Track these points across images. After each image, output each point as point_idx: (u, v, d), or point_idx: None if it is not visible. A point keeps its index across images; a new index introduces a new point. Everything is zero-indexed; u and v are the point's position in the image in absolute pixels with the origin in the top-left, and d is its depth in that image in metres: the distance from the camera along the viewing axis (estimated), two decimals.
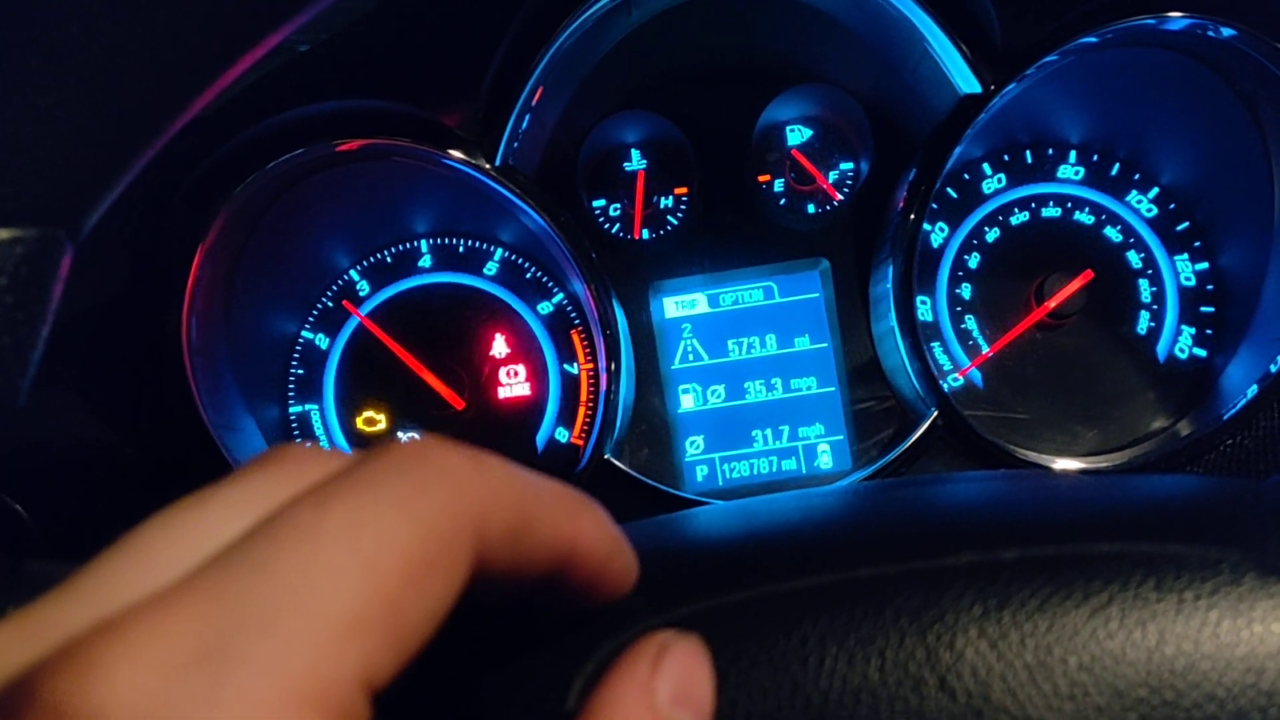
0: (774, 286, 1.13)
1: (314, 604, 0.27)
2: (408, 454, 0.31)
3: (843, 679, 0.36)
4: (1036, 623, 0.37)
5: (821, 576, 0.39)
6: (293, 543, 0.28)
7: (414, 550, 0.29)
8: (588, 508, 0.37)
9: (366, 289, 1.14)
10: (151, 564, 0.30)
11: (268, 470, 0.33)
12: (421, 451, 0.32)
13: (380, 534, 0.29)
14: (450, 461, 0.32)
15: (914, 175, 1.01)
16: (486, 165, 0.95)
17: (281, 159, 0.91)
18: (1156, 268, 1.11)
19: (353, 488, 0.30)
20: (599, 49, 1.03)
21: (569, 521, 0.36)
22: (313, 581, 0.27)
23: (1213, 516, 0.41)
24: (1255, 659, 0.36)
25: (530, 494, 0.34)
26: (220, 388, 0.99)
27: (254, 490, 0.32)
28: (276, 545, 0.28)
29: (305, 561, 0.27)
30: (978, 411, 1.07)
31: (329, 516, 0.29)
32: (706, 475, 1.11)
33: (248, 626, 0.26)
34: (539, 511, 0.34)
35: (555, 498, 0.36)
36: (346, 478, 0.30)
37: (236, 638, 0.26)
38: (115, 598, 0.28)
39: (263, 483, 0.32)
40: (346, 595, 0.27)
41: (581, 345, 1.13)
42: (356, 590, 0.28)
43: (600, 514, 0.38)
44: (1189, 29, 0.91)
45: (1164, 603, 0.37)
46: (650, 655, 0.35)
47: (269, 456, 0.34)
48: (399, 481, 0.30)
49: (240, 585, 0.27)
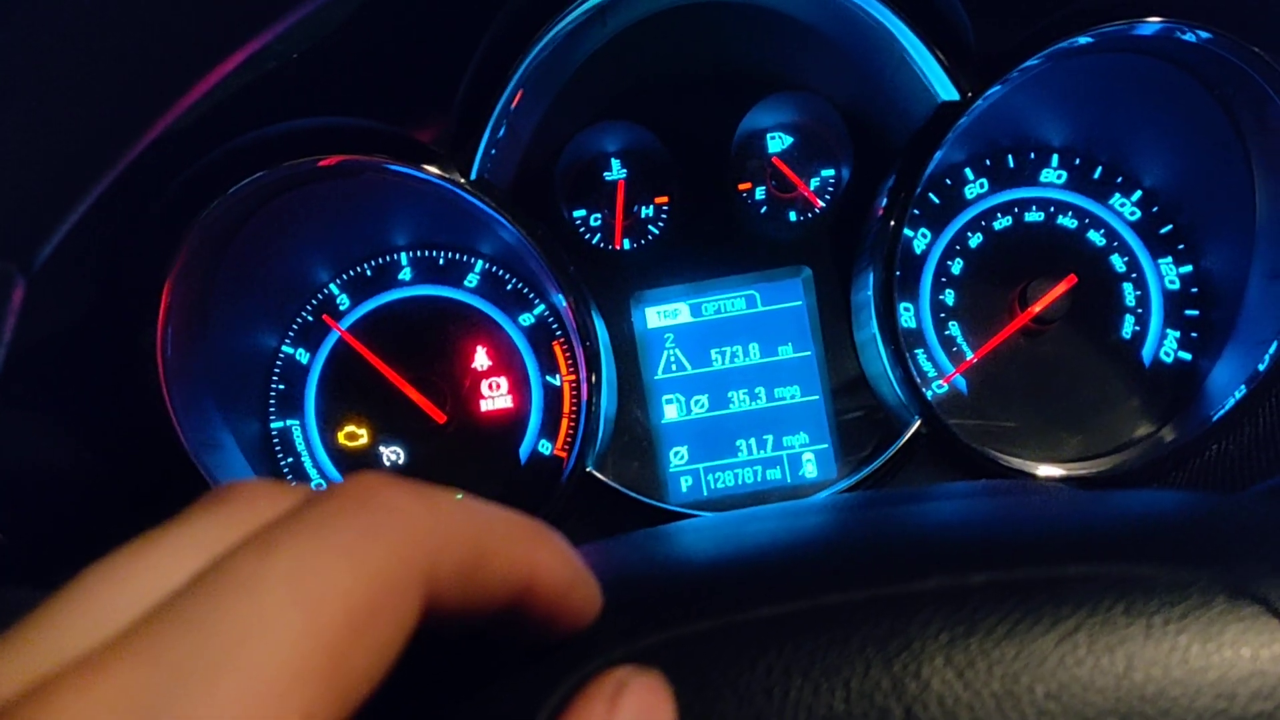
0: (756, 295, 1.12)
1: (252, 658, 0.26)
2: (355, 494, 0.31)
3: (808, 710, 0.36)
4: (1004, 650, 0.36)
5: (786, 605, 0.39)
6: (232, 594, 0.27)
7: (357, 597, 0.28)
8: (545, 538, 0.37)
9: (346, 303, 1.13)
10: (94, 615, 0.29)
11: (215, 511, 0.32)
12: (369, 492, 0.31)
13: (322, 581, 0.28)
14: (398, 501, 0.31)
15: (894, 182, 1.00)
16: (462, 179, 0.94)
17: (246, 180, 0.90)
18: (1140, 271, 1.10)
19: (296, 533, 0.29)
20: (574, 59, 1.02)
21: (525, 554, 0.35)
22: (252, 634, 0.26)
23: (1184, 535, 0.41)
24: (1226, 684, 0.35)
25: (483, 528, 0.34)
26: (198, 406, 0.98)
27: (201, 533, 0.31)
28: (215, 597, 0.27)
29: (245, 614, 0.27)
30: (962, 420, 1.07)
31: (270, 565, 0.28)
32: (691, 486, 1.11)
33: (184, 685, 0.25)
34: (493, 546, 0.34)
35: (510, 530, 0.35)
36: (292, 522, 0.29)
37: (172, 698, 0.25)
38: (54, 654, 0.28)
39: (211, 524, 0.32)
40: (286, 647, 0.27)
41: (564, 357, 1.12)
42: (296, 641, 0.27)
43: (558, 543, 0.37)
44: (1163, 32, 0.91)
45: (1133, 627, 0.36)
46: (607, 694, 0.35)
47: (217, 496, 0.33)
48: (344, 525, 0.30)
49: (177, 641, 0.26)
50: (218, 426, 1.02)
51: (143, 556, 0.31)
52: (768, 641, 0.38)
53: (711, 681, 0.37)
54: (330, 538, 0.29)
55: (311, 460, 1.12)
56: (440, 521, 0.32)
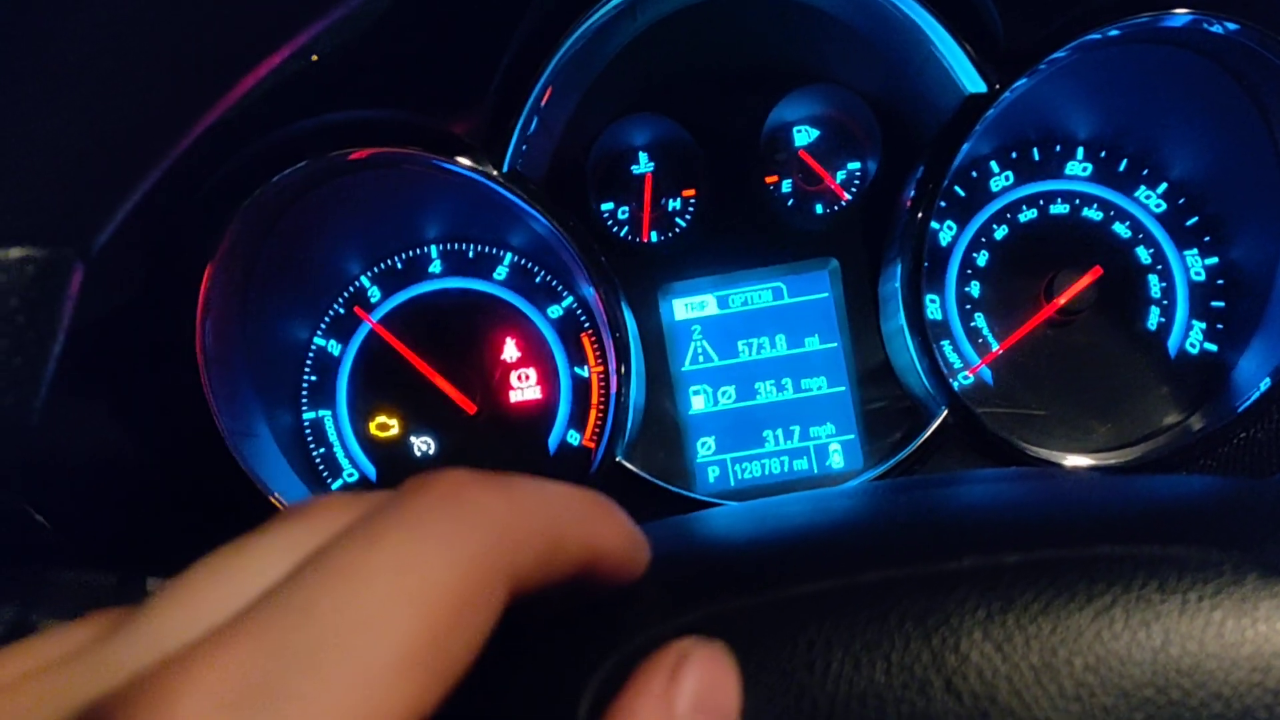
0: (783, 287, 1.13)
1: (365, 643, 0.28)
2: (442, 492, 0.33)
3: (849, 683, 0.37)
4: (1041, 625, 0.37)
5: (827, 581, 0.40)
6: (343, 584, 0.29)
7: (455, 588, 0.30)
8: (608, 511, 0.39)
9: (378, 295, 1.15)
10: (200, 607, 0.31)
11: (305, 517, 0.34)
12: (454, 489, 0.33)
13: (425, 573, 0.30)
14: (482, 498, 0.33)
15: (921, 174, 1.01)
16: (494, 172, 0.95)
17: (289, 170, 0.91)
18: (1166, 263, 1.10)
19: (395, 528, 0.31)
20: (605, 53, 1.03)
21: (594, 532, 0.37)
22: (364, 622, 0.28)
23: (1215, 517, 0.42)
24: (1261, 658, 0.36)
25: (557, 515, 0.36)
26: (236, 395, 1.00)
27: (293, 536, 0.33)
28: (326, 586, 0.29)
29: (356, 602, 0.28)
30: (989, 409, 1.07)
31: (375, 557, 0.30)
32: (718, 476, 1.12)
33: (302, 667, 0.27)
34: (566, 530, 0.36)
35: (579, 510, 0.37)
36: (386, 516, 0.31)
37: (291, 679, 0.27)
38: (172, 638, 0.30)
39: (301, 529, 0.33)
40: (396, 634, 0.28)
41: (592, 348, 1.14)
42: (405, 629, 0.28)
43: (619, 515, 0.39)
44: (1191, 24, 0.91)
45: (1168, 604, 0.37)
46: (668, 665, 0.35)
47: (305, 506, 0.35)
48: (437, 521, 0.31)
49: (293, 626, 0.28)
50: (254, 416, 1.03)
51: (241, 555, 0.33)
52: (808, 617, 0.38)
53: (754, 656, 0.38)
54: (426, 533, 0.31)
55: (343, 450, 1.14)
56: (521, 515, 0.34)
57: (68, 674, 0.29)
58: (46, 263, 0.42)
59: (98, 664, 0.29)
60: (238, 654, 0.27)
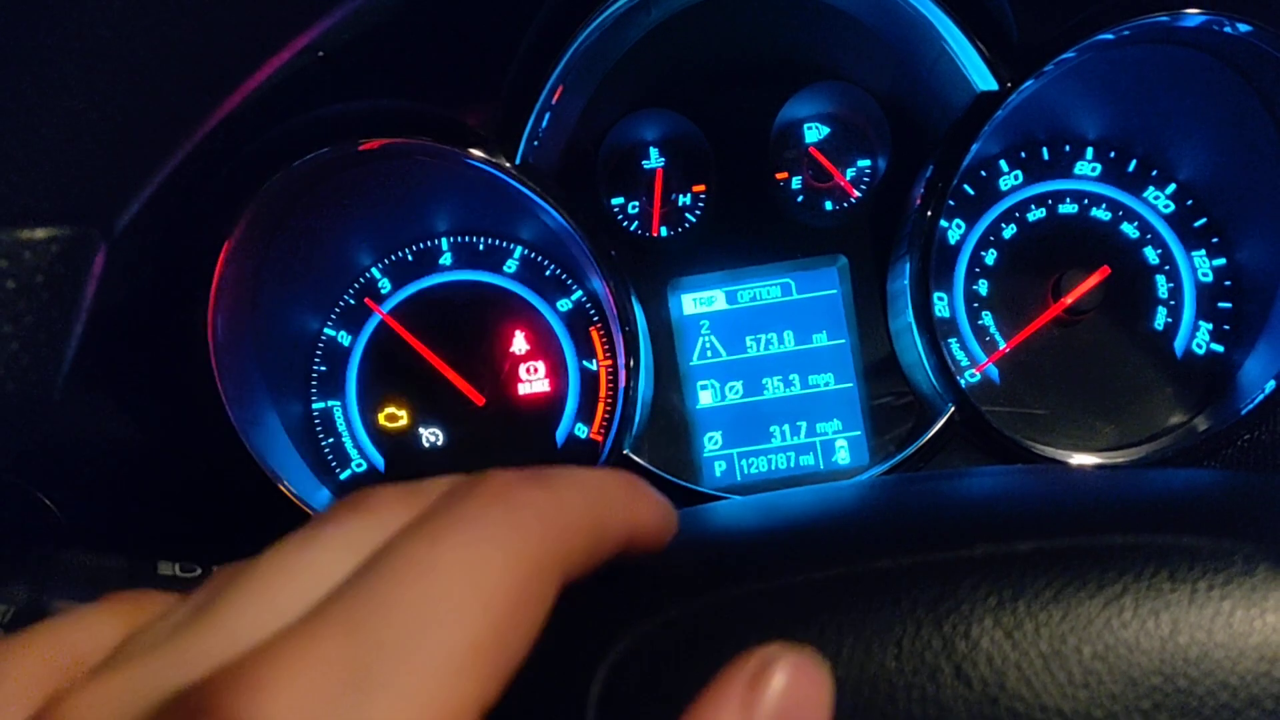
0: (792, 283, 1.13)
1: (440, 634, 0.29)
2: (495, 491, 0.34)
3: (860, 668, 0.37)
4: (1051, 612, 0.37)
5: (838, 568, 0.40)
6: (415, 578, 0.30)
7: (515, 583, 0.32)
8: (643, 491, 0.41)
9: (388, 286, 1.15)
10: (276, 600, 0.32)
11: (361, 513, 0.35)
12: (506, 489, 0.34)
13: (487, 569, 0.31)
14: (532, 498, 0.35)
15: (931, 172, 1.01)
16: (507, 164, 0.95)
17: (305, 158, 0.92)
18: (1174, 263, 1.11)
19: (456, 527, 0.32)
20: (619, 48, 1.03)
21: (632, 516, 0.39)
22: (437, 614, 0.30)
23: (1225, 509, 0.42)
24: (1269, 648, 0.36)
25: (599, 503, 0.37)
26: (246, 383, 1.00)
27: (353, 532, 0.34)
28: (397, 579, 0.30)
29: (428, 595, 0.30)
30: (995, 407, 1.08)
31: (441, 553, 0.31)
32: (725, 470, 1.12)
33: (382, 656, 0.28)
34: (609, 516, 0.38)
35: (617, 493, 0.39)
36: (448, 515, 0.33)
37: (376, 665, 0.28)
38: (251, 630, 0.31)
39: (360, 524, 0.35)
40: (466, 626, 0.30)
41: (600, 342, 1.14)
42: (474, 621, 0.30)
43: (653, 494, 0.41)
44: (1205, 25, 0.91)
45: (1177, 593, 0.37)
46: (749, 673, 0.33)
47: (358, 501, 0.36)
48: (494, 520, 0.33)
49: (370, 617, 0.29)
50: (264, 405, 1.04)
51: (308, 550, 0.34)
52: (819, 603, 0.39)
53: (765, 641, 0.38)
54: (486, 531, 0.32)
55: (352, 440, 1.14)
56: (567, 510, 0.35)
57: (150, 665, 0.30)
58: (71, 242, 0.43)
59: (180, 655, 0.30)
60: (329, 645, 0.28)
